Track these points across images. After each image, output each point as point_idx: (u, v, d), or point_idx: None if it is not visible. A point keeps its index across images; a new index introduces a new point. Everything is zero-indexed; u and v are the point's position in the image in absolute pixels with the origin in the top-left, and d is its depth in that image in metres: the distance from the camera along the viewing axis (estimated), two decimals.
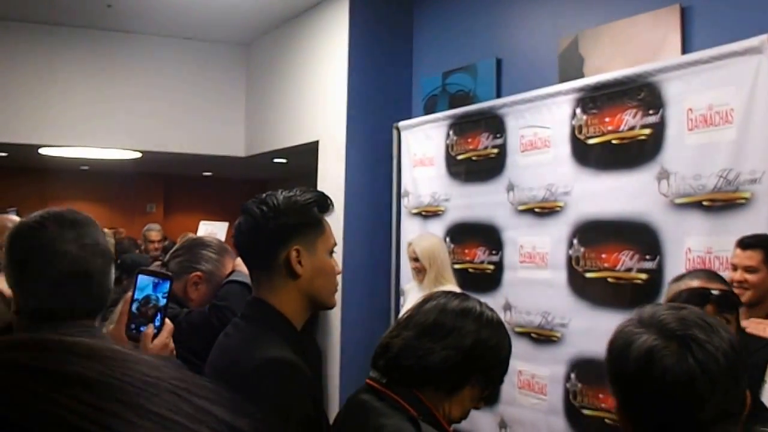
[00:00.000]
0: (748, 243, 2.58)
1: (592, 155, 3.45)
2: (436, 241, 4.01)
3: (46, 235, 1.38)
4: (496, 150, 4.05)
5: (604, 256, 3.37)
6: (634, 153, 3.24)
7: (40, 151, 6.93)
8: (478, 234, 4.15)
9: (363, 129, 4.94)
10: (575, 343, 3.50)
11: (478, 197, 4.16)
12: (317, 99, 5.35)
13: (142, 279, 1.61)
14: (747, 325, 2.30)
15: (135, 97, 6.30)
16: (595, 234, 3.42)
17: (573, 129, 3.55)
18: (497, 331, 1.46)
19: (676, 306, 1.20)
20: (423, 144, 4.61)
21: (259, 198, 1.55)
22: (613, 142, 3.35)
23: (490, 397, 1.58)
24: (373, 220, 4.91)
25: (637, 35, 3.46)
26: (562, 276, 3.57)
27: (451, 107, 4.52)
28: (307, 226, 1.54)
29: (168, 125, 6.43)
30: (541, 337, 3.69)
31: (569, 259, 3.54)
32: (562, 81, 3.73)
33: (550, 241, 3.66)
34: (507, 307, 3.89)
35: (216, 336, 1.62)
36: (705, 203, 2.95)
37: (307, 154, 5.51)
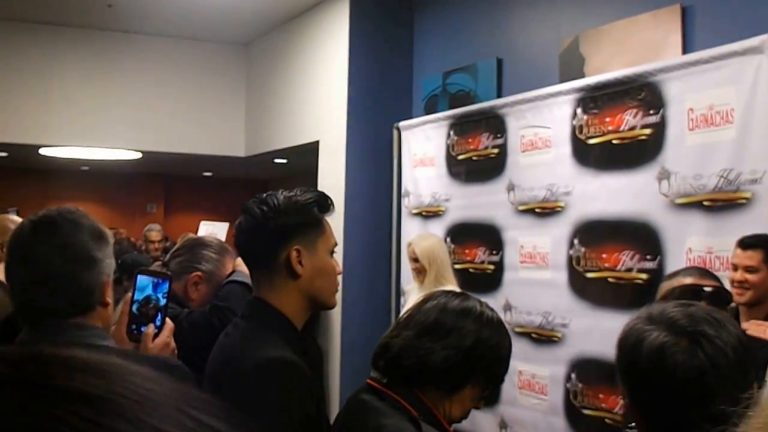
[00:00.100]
0: (748, 243, 2.58)
1: (593, 155, 3.45)
2: (435, 242, 4.00)
3: (21, 236, 1.41)
4: (496, 150, 4.05)
5: (604, 256, 3.37)
6: (635, 153, 3.24)
7: (41, 151, 6.94)
8: (479, 234, 4.15)
9: (363, 129, 4.94)
10: (576, 343, 3.50)
11: (479, 197, 4.16)
12: (317, 99, 5.35)
13: (141, 279, 1.61)
14: (748, 327, 2.30)
15: (135, 97, 6.29)
16: (595, 234, 3.42)
17: (574, 129, 3.55)
18: (497, 330, 1.46)
19: (683, 303, 1.21)
20: (423, 144, 4.61)
21: (259, 198, 1.55)
22: (614, 142, 3.35)
23: (490, 396, 1.59)
24: (373, 220, 4.90)
25: (638, 35, 3.46)
26: (562, 276, 3.57)
27: (452, 107, 4.52)
28: (307, 226, 1.53)
29: (168, 125, 6.42)
30: (542, 337, 3.69)
31: (570, 259, 3.54)
32: (562, 81, 3.73)
33: (551, 241, 3.66)
34: (507, 307, 3.89)
35: (217, 336, 1.62)
36: (705, 203, 2.95)
37: (307, 154, 5.51)
